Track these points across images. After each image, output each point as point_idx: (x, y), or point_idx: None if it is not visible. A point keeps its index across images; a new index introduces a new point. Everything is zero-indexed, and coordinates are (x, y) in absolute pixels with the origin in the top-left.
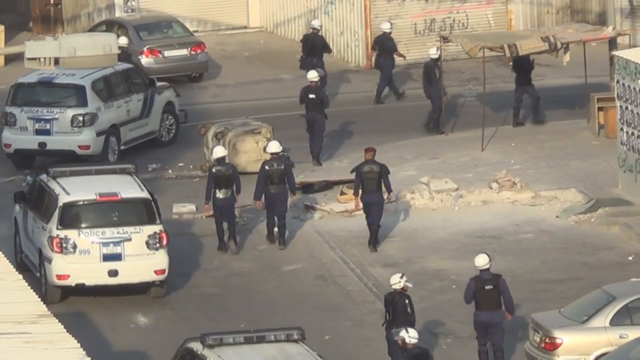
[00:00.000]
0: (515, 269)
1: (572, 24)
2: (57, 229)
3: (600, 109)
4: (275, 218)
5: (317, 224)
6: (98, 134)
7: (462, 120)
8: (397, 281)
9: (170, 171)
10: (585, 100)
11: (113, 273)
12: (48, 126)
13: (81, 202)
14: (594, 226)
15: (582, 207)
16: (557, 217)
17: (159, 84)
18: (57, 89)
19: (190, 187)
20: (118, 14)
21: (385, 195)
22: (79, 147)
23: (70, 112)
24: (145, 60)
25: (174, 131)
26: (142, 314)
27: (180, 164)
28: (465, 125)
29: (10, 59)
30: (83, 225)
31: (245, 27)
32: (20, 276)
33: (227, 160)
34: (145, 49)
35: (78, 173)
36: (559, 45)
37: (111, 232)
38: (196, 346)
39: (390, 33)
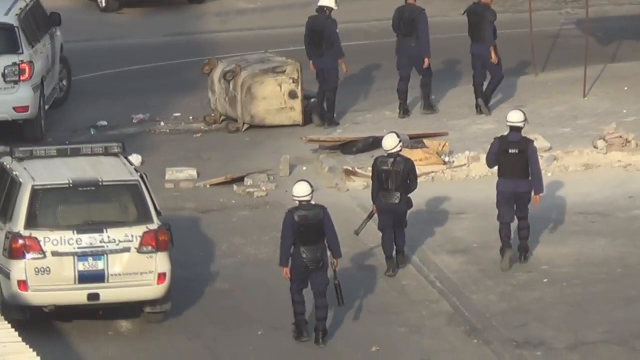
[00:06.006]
0: (628, 257)
1: None
2: None
3: None
4: None
5: (360, 195)
6: None
7: (556, 55)
8: (396, 143)
9: (162, 123)
10: None
11: None
12: None
13: None
14: None
15: None
16: None
17: None
18: None
19: (190, 146)
20: None
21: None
22: None
23: None
24: None
25: None
26: (125, 320)
27: (176, 114)
28: (561, 63)
29: None
30: None
31: None
32: None
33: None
34: None
35: None
36: None
37: None
38: (7, 160)
39: None
